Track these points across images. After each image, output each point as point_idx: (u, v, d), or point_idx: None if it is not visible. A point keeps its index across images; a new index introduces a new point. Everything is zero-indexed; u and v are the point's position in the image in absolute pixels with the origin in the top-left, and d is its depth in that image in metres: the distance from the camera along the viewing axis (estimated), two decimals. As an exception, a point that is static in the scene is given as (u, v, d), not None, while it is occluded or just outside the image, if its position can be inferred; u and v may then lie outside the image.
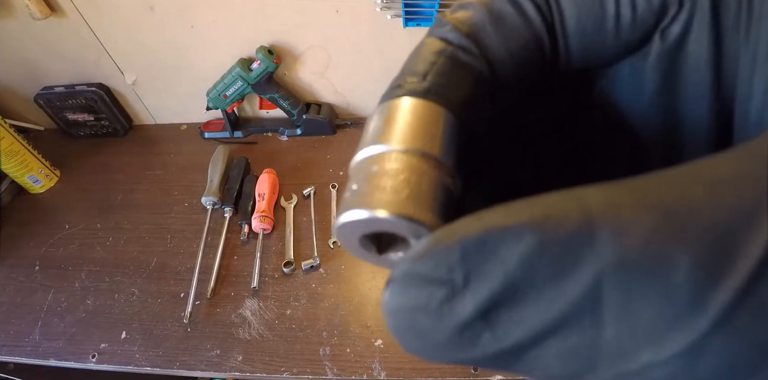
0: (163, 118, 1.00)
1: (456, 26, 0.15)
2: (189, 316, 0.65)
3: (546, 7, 0.14)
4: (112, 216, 0.81)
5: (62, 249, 0.76)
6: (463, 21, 0.15)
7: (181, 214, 0.80)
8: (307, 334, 0.63)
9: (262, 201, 0.78)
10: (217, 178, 0.82)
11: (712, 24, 0.14)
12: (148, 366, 0.61)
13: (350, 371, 0.59)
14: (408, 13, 0.75)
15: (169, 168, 0.90)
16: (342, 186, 0.83)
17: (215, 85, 0.87)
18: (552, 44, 0.15)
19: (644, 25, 0.14)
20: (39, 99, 0.89)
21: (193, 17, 0.79)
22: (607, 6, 0.14)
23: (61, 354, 0.63)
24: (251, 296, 0.68)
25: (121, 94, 0.94)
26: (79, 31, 0.81)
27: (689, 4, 0.14)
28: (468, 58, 0.14)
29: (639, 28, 0.14)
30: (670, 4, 0.14)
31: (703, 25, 0.14)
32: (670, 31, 0.14)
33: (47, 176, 0.87)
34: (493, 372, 0.58)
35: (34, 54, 0.85)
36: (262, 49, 0.81)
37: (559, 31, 0.15)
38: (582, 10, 0.14)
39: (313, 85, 0.92)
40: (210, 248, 0.74)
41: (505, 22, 0.15)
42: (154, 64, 0.87)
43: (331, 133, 0.95)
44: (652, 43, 0.15)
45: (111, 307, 0.68)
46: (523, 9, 0.14)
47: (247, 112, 0.98)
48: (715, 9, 0.14)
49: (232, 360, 0.61)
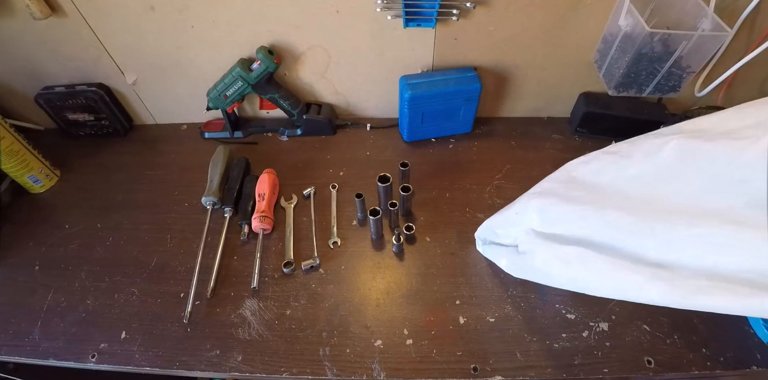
0: (163, 118, 1.00)
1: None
2: (189, 316, 0.65)
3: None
4: (112, 216, 0.81)
5: (62, 249, 0.76)
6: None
7: (181, 214, 0.80)
8: (307, 334, 0.63)
9: (262, 201, 0.78)
10: (217, 178, 0.82)
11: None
12: (147, 366, 0.61)
13: (350, 371, 0.59)
14: (408, 14, 0.75)
15: (169, 168, 0.90)
16: (342, 186, 0.83)
17: (215, 85, 0.87)
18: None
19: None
20: (39, 99, 0.89)
21: (193, 17, 0.79)
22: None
23: (60, 354, 0.63)
24: (251, 296, 0.68)
25: (121, 94, 0.94)
26: (80, 31, 0.81)
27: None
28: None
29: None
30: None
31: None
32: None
33: (47, 176, 0.87)
34: (492, 372, 0.58)
35: (34, 54, 0.85)
36: (262, 49, 0.81)
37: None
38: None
39: (314, 85, 0.92)
40: (210, 248, 0.74)
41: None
42: (154, 64, 0.87)
43: (331, 134, 0.95)
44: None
45: (111, 307, 0.68)
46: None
47: (248, 112, 0.98)
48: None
49: (231, 360, 0.61)
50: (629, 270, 0.45)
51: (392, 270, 0.71)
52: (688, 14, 0.71)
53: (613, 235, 0.49)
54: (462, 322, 0.64)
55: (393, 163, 0.81)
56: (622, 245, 0.48)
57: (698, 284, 0.40)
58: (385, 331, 0.63)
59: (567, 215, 0.53)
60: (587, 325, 0.63)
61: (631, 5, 0.69)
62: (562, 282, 0.53)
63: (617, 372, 0.58)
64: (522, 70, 0.87)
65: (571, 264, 0.50)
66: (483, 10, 0.76)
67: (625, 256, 0.47)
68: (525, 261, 0.58)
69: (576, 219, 0.52)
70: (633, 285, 0.44)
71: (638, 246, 0.47)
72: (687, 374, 0.58)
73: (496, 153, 0.89)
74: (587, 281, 0.49)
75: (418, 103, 0.82)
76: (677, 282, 0.42)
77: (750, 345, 0.60)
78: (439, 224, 0.76)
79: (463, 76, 0.83)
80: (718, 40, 0.67)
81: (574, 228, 0.52)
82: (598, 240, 0.50)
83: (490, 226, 0.67)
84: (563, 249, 0.52)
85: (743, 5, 0.71)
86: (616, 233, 0.48)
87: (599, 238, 0.50)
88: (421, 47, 0.83)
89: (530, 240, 0.57)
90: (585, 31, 0.79)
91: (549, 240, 0.54)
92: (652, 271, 0.44)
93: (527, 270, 0.60)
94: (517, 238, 0.61)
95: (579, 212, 0.52)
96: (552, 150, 0.89)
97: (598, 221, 0.50)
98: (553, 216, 0.55)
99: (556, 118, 0.96)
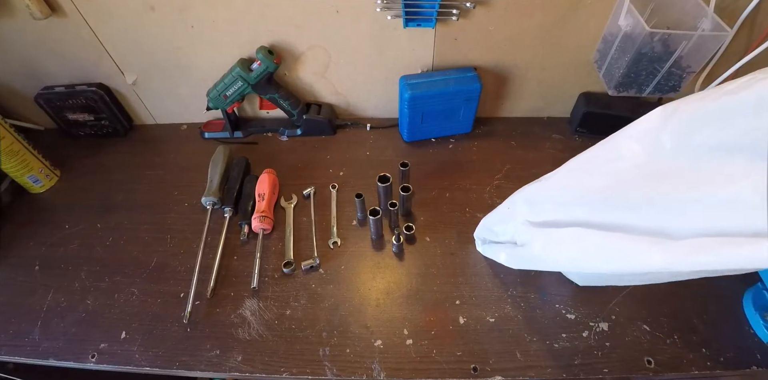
0: (163, 118, 1.00)
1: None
2: (189, 316, 0.65)
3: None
4: (112, 216, 0.81)
5: (62, 249, 0.76)
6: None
7: (181, 214, 0.80)
8: (307, 334, 0.63)
9: (262, 201, 0.78)
10: (217, 178, 0.82)
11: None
12: (147, 366, 0.61)
13: (350, 371, 0.59)
14: (408, 14, 0.75)
15: (169, 168, 0.90)
16: (342, 186, 0.83)
17: (215, 85, 0.87)
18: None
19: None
20: (39, 99, 0.89)
21: (193, 17, 0.79)
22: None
23: (60, 354, 0.63)
24: (251, 296, 0.68)
25: (121, 94, 0.94)
26: (80, 31, 0.81)
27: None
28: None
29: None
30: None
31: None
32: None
33: (47, 176, 0.87)
34: (492, 372, 0.58)
35: (34, 54, 0.85)
36: (262, 49, 0.81)
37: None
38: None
39: (314, 85, 0.92)
40: (210, 248, 0.74)
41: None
42: (154, 64, 0.87)
43: (331, 134, 0.95)
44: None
45: (111, 307, 0.68)
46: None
47: (248, 112, 0.98)
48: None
49: (231, 360, 0.61)
50: (628, 240, 0.45)
51: (392, 270, 0.71)
52: (688, 14, 0.71)
53: (606, 212, 0.48)
54: (462, 322, 0.64)
55: (393, 163, 0.81)
56: (616, 220, 0.47)
57: (700, 243, 0.40)
58: (385, 331, 0.63)
59: (554, 199, 0.53)
60: (587, 325, 0.63)
61: (631, 5, 0.69)
62: (563, 264, 0.53)
63: (617, 372, 0.58)
64: (522, 70, 0.87)
65: (569, 245, 0.50)
66: (483, 10, 0.76)
67: (622, 229, 0.46)
68: (523, 251, 0.58)
69: (565, 202, 0.52)
70: (634, 253, 0.44)
71: (634, 218, 0.46)
72: (687, 374, 0.58)
73: (496, 153, 0.89)
74: (587, 259, 0.49)
75: (418, 103, 0.82)
76: (677, 245, 0.41)
77: (750, 345, 0.60)
78: (439, 224, 0.76)
79: (463, 76, 0.83)
80: (718, 40, 0.67)
81: (564, 211, 0.52)
82: (592, 220, 0.49)
83: (487, 225, 0.67)
84: (558, 233, 0.52)
85: (743, 5, 0.71)
86: (608, 209, 0.48)
87: (592, 218, 0.49)
88: (421, 47, 0.83)
89: (526, 231, 0.57)
90: (585, 31, 0.79)
91: (543, 227, 0.54)
92: (651, 239, 0.43)
93: (527, 260, 0.59)
94: (514, 234, 0.61)
95: (568, 196, 0.52)
96: (552, 150, 0.89)
97: (586, 200, 0.50)
98: (541, 203, 0.55)
99: (556, 118, 0.96)
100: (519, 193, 0.60)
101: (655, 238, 0.43)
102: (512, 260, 0.63)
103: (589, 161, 0.51)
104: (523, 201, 0.58)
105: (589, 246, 0.48)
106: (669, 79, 0.74)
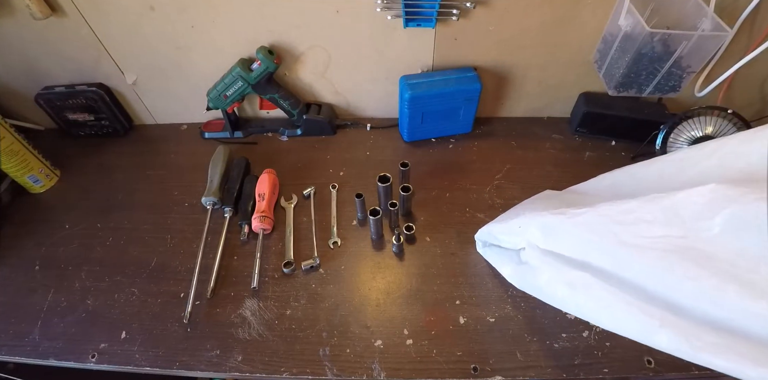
0: (163, 118, 1.00)
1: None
2: (189, 316, 0.65)
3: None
4: (112, 216, 0.81)
5: (62, 249, 0.76)
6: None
7: (181, 214, 0.80)
8: (307, 334, 0.63)
9: (262, 201, 0.78)
10: (217, 178, 0.82)
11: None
12: (147, 366, 0.61)
13: (350, 371, 0.59)
14: (408, 14, 0.75)
15: (169, 168, 0.90)
16: (342, 186, 0.83)
17: (215, 85, 0.87)
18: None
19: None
20: (39, 99, 0.89)
21: (193, 17, 0.79)
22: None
23: (60, 354, 0.63)
24: (251, 296, 0.68)
25: (121, 94, 0.94)
26: (80, 31, 0.81)
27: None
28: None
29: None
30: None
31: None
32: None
33: (47, 176, 0.87)
34: (492, 372, 0.58)
35: (34, 54, 0.85)
36: (262, 49, 0.81)
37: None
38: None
39: (314, 85, 0.92)
40: (210, 248, 0.74)
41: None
42: (154, 64, 0.87)
43: (331, 134, 0.95)
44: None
45: (111, 307, 0.68)
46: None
47: (248, 112, 0.98)
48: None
49: (231, 360, 0.61)
50: (638, 310, 0.43)
51: (392, 270, 0.71)
52: (688, 14, 0.71)
53: (628, 271, 0.46)
54: (462, 322, 0.64)
55: (393, 163, 0.81)
56: (634, 280, 0.45)
57: (714, 340, 0.38)
58: (385, 331, 0.63)
59: (575, 237, 0.51)
60: (587, 325, 0.63)
61: (631, 5, 0.69)
62: (568, 307, 0.52)
63: (617, 372, 0.58)
64: (522, 70, 0.87)
65: (577, 290, 0.49)
66: (483, 10, 0.76)
67: (633, 290, 0.44)
68: (529, 276, 0.57)
69: (587, 244, 0.50)
70: (642, 325, 0.42)
71: (649, 282, 0.44)
72: (687, 374, 0.58)
73: (496, 153, 0.89)
74: (593, 309, 0.47)
75: (418, 103, 0.82)
76: (689, 333, 0.39)
77: (750, 345, 0.60)
78: (439, 224, 0.76)
79: (463, 76, 0.83)
80: (718, 40, 0.67)
81: (582, 251, 0.50)
82: (605, 268, 0.47)
83: (491, 231, 0.67)
84: (569, 273, 0.50)
85: (743, 5, 0.71)
86: (632, 268, 0.46)
87: (610, 269, 0.47)
88: (421, 47, 0.83)
89: (534, 255, 0.56)
90: (585, 31, 0.79)
91: (553, 260, 0.53)
92: (662, 314, 0.41)
93: (533, 286, 0.58)
94: (519, 244, 0.60)
95: (594, 241, 0.49)
96: (552, 150, 0.89)
97: (610, 251, 0.47)
98: (558, 235, 0.54)
99: (556, 118, 0.96)
100: (534, 217, 0.57)
101: (668, 315, 0.41)
102: (517, 279, 0.62)
103: (627, 214, 0.47)
104: (538, 228, 0.56)
105: (598, 299, 0.46)
106: (669, 79, 0.74)
